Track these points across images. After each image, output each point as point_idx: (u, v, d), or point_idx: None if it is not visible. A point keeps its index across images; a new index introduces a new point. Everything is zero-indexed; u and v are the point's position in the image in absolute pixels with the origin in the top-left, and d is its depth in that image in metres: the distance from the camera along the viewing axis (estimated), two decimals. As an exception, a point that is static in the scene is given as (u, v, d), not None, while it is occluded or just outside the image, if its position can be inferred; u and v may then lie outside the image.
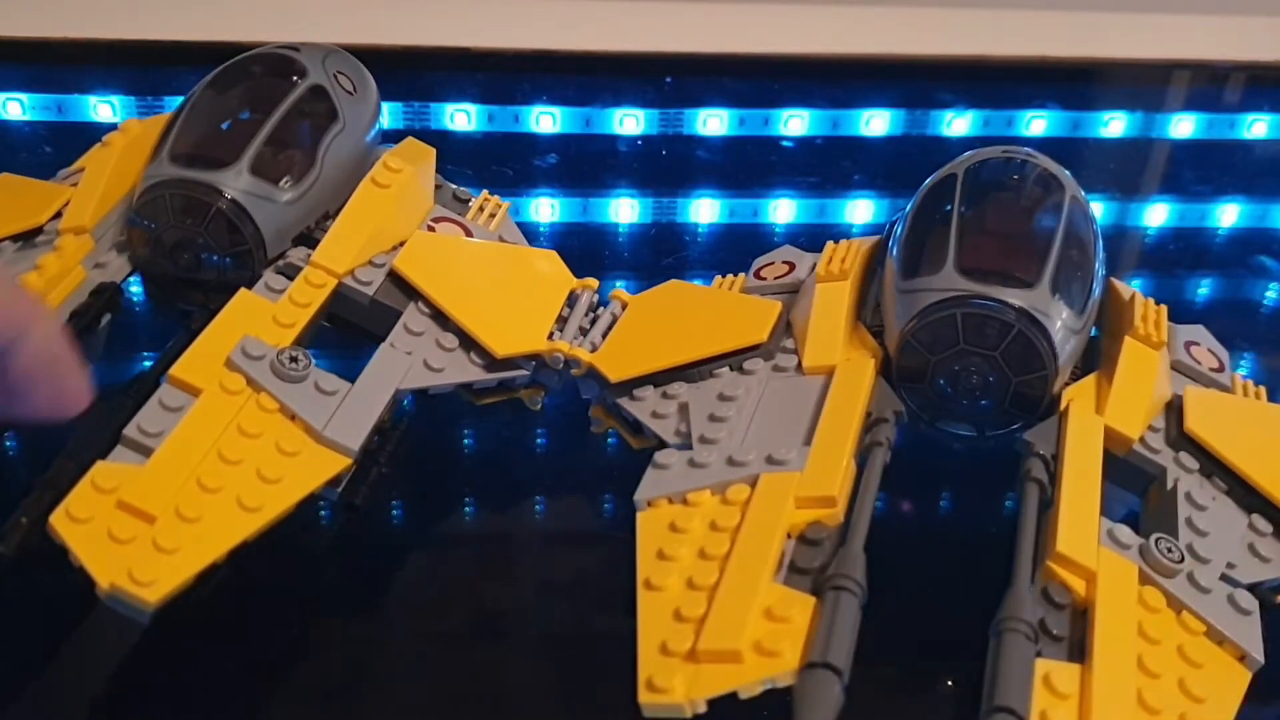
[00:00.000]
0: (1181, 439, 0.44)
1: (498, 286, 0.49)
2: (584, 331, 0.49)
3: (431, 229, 0.51)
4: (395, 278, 0.47)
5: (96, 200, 0.48)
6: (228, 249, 0.45)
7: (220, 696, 0.41)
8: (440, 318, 0.47)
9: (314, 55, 0.51)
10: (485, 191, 0.55)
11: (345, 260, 0.47)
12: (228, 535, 0.36)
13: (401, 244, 0.49)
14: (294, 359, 0.41)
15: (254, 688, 0.41)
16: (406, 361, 0.44)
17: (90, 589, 0.34)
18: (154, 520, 0.35)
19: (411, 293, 0.47)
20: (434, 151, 0.54)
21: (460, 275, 0.49)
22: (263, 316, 0.43)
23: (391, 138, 0.54)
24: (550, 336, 0.48)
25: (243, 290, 0.44)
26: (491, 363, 0.46)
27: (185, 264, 0.46)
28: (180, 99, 0.49)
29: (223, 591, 0.37)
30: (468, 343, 0.46)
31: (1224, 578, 0.39)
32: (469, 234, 0.52)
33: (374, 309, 0.47)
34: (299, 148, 0.48)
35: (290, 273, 0.46)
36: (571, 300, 0.50)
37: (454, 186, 0.54)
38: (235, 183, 0.45)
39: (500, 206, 0.54)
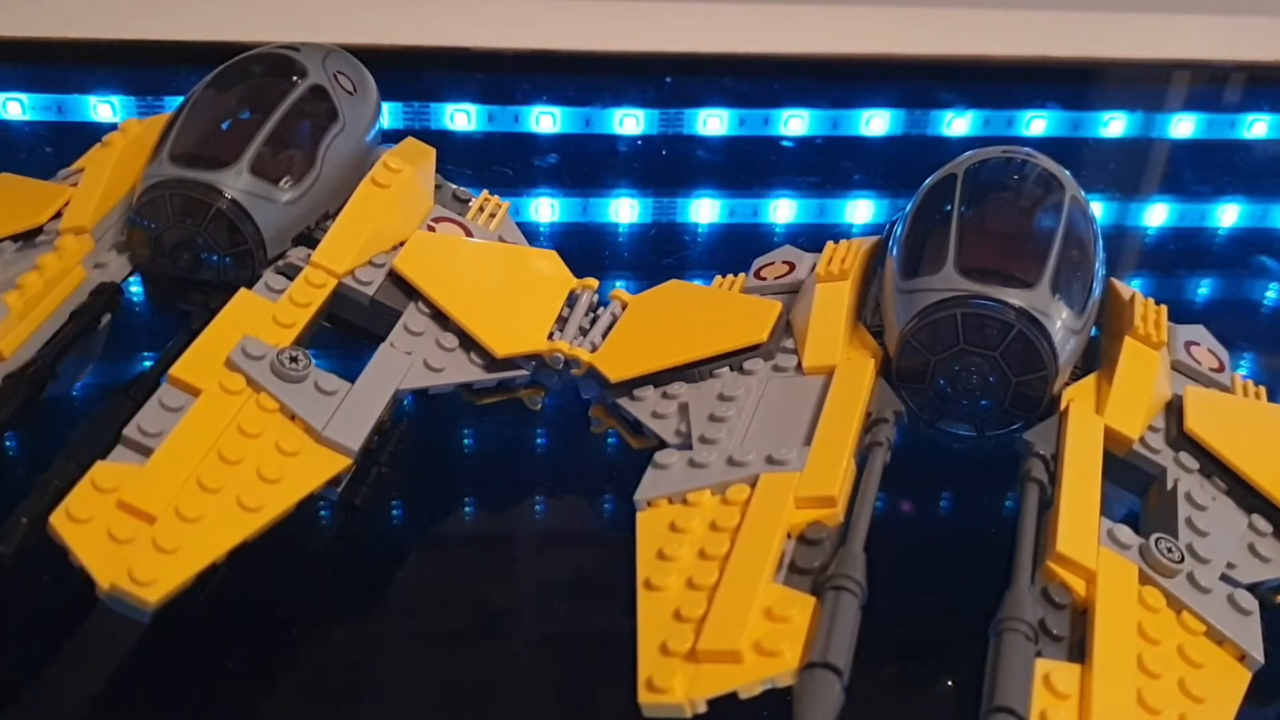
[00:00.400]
0: (1181, 439, 0.44)
1: (498, 286, 0.49)
2: (584, 331, 0.49)
3: (431, 229, 0.51)
4: (395, 278, 0.47)
5: (96, 200, 0.48)
6: (228, 249, 0.45)
7: (220, 696, 0.41)
8: (440, 318, 0.47)
9: (314, 55, 0.51)
10: (485, 191, 0.55)
11: (345, 260, 0.47)
12: (228, 535, 0.36)
13: (401, 244, 0.49)
14: (294, 359, 0.41)
15: (254, 688, 0.41)
16: (406, 361, 0.44)
17: (90, 589, 0.34)
18: (154, 520, 0.35)
19: (411, 293, 0.47)
20: (434, 151, 0.54)
21: (460, 275, 0.49)
22: (263, 316, 0.43)
23: (391, 138, 0.54)
24: (550, 336, 0.48)
25: (243, 290, 0.44)
26: (491, 363, 0.46)
27: (185, 264, 0.46)
28: (180, 99, 0.49)
29: (222, 592, 0.38)
30: (468, 343, 0.46)
31: (1224, 578, 0.39)
32: (469, 234, 0.52)
33: (374, 309, 0.47)
34: (299, 148, 0.48)
35: (290, 273, 0.46)
36: (571, 300, 0.50)
37: (454, 186, 0.54)
38: (235, 183, 0.45)
39: (500, 206, 0.54)
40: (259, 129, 0.47)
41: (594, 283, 0.51)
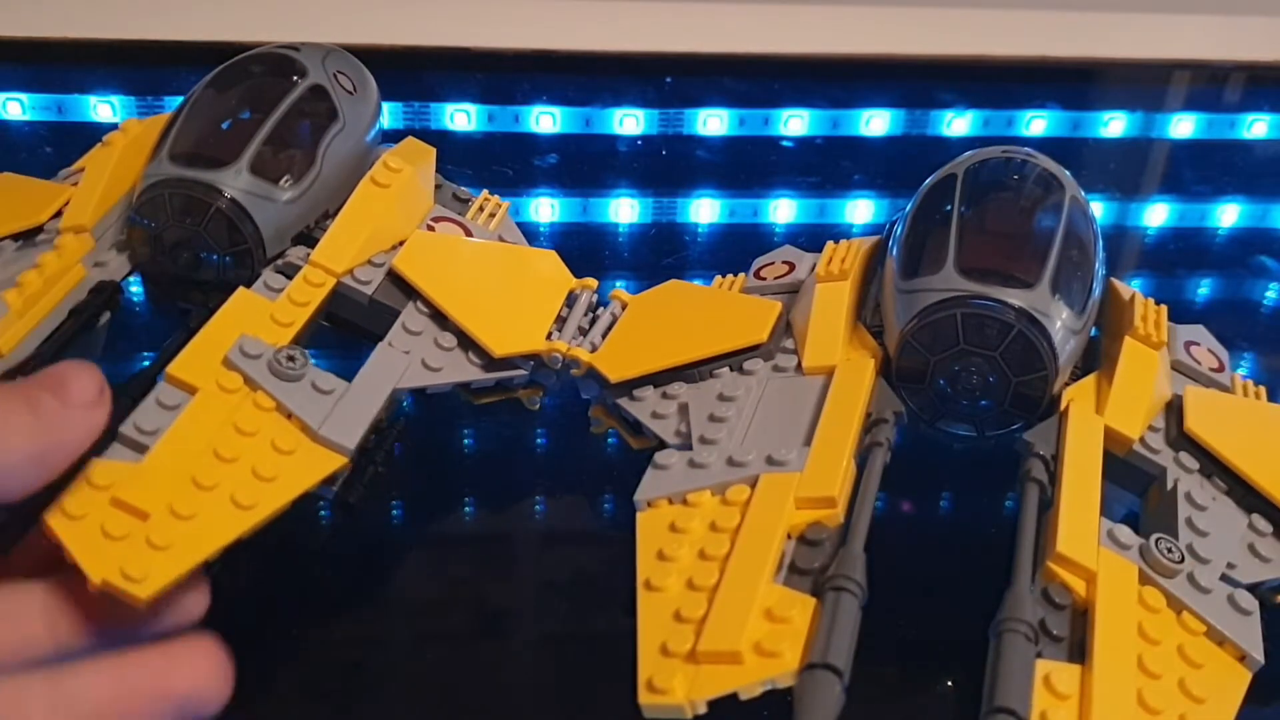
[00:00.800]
0: (1181, 439, 0.44)
1: (497, 286, 0.49)
2: (583, 331, 0.49)
3: (431, 229, 0.51)
4: (394, 277, 0.47)
5: (96, 199, 0.48)
6: (227, 248, 0.45)
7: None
8: (439, 317, 0.47)
9: (314, 55, 0.51)
10: (485, 191, 0.55)
11: (344, 259, 0.47)
12: (221, 533, 0.36)
13: (401, 243, 0.49)
14: (291, 358, 0.41)
15: (253, 688, 0.41)
16: (404, 361, 0.44)
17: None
18: (148, 517, 0.35)
19: (410, 292, 0.47)
20: (434, 151, 0.54)
21: (459, 275, 0.49)
22: (261, 315, 0.43)
23: (391, 138, 0.54)
24: (549, 336, 0.48)
25: (241, 289, 0.44)
26: (489, 362, 0.46)
27: (185, 263, 0.46)
28: (180, 99, 0.49)
29: (220, 591, 0.37)
30: (466, 342, 0.46)
31: (1224, 578, 0.39)
32: (469, 234, 0.52)
33: (373, 308, 0.47)
34: (299, 147, 0.48)
35: (289, 272, 0.46)
36: (571, 300, 0.50)
37: (454, 186, 0.54)
38: (235, 182, 0.45)
39: (500, 206, 0.54)
40: (259, 128, 0.47)
41: (593, 283, 0.51)
